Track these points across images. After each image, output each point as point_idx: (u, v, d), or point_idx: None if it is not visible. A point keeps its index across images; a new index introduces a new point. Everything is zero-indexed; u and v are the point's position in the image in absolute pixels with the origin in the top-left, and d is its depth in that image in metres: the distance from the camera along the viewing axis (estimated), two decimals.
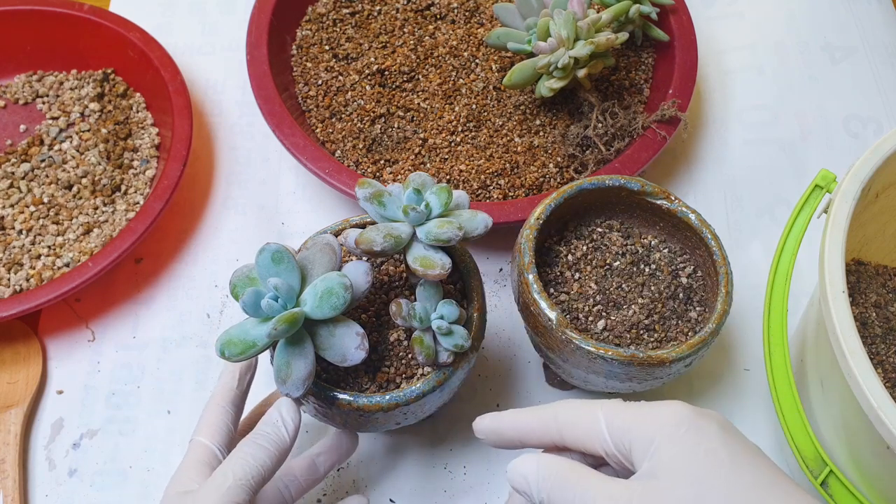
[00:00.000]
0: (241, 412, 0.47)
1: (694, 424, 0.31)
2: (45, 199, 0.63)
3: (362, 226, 0.50)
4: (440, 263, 0.44)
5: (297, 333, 0.42)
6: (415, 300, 0.45)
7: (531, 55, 0.61)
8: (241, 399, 0.47)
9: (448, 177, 0.62)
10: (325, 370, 0.46)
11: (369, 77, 0.67)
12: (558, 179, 0.62)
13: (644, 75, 0.68)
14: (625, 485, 0.31)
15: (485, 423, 0.38)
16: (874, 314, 0.55)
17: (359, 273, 0.44)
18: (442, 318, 0.45)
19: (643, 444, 0.32)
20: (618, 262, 0.53)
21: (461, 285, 0.50)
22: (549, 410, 0.36)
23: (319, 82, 0.67)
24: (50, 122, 0.68)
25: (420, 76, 0.67)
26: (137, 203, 0.63)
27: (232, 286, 0.43)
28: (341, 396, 0.44)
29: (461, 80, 0.67)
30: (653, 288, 0.52)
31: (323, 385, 0.45)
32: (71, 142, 0.67)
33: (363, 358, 0.42)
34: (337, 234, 0.49)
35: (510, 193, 0.61)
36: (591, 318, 0.51)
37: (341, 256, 0.44)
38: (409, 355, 0.47)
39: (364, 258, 0.48)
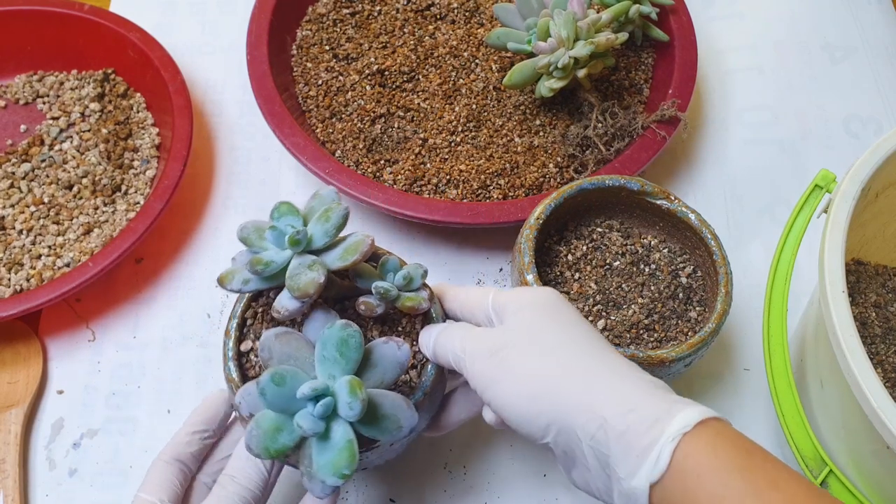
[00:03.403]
0: (188, 471, 0.44)
1: (551, 302, 0.42)
2: (46, 199, 0.63)
3: (261, 293, 0.48)
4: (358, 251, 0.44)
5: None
6: (370, 294, 0.46)
7: (531, 55, 0.61)
8: (189, 458, 0.44)
9: (448, 177, 0.62)
10: None
11: (369, 77, 0.67)
12: (558, 179, 0.62)
13: (644, 75, 0.68)
14: (481, 328, 0.43)
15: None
16: (874, 314, 0.55)
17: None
18: (394, 275, 0.46)
19: (511, 311, 0.42)
20: (618, 262, 0.53)
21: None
22: (460, 291, 0.47)
23: (319, 82, 0.67)
24: (50, 122, 0.68)
25: (420, 76, 0.67)
26: (138, 203, 0.63)
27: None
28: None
29: (461, 80, 0.67)
30: (652, 288, 0.52)
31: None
32: (71, 142, 0.67)
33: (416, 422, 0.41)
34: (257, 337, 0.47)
35: (510, 193, 0.61)
36: (591, 318, 0.51)
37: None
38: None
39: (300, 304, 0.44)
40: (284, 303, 0.42)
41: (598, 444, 0.36)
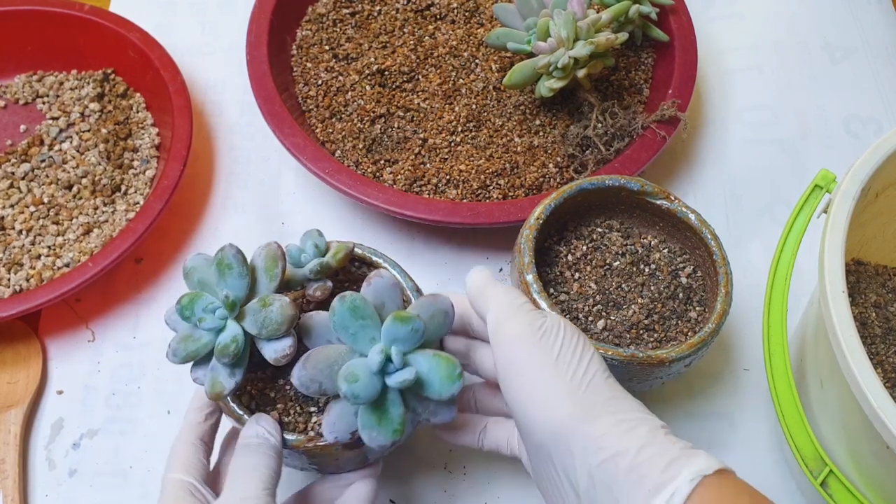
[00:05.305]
0: (211, 448, 0.46)
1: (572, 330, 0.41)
2: (45, 200, 0.63)
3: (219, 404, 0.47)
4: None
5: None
6: (312, 282, 0.47)
7: (531, 55, 0.61)
8: (209, 435, 0.46)
9: (448, 177, 0.62)
10: None
11: (369, 77, 0.67)
12: (558, 179, 0.62)
13: (644, 75, 0.68)
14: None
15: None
16: (874, 314, 0.55)
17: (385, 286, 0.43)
18: (308, 255, 0.47)
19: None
20: (617, 262, 0.53)
21: None
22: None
23: (319, 82, 0.67)
24: (50, 122, 0.68)
25: (420, 76, 0.67)
26: (137, 203, 0.63)
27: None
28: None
29: (461, 80, 0.67)
30: (652, 288, 0.52)
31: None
32: (71, 142, 0.67)
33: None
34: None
35: (510, 193, 0.61)
36: (590, 318, 0.51)
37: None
38: None
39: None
40: (276, 347, 0.42)
41: (601, 473, 0.36)
